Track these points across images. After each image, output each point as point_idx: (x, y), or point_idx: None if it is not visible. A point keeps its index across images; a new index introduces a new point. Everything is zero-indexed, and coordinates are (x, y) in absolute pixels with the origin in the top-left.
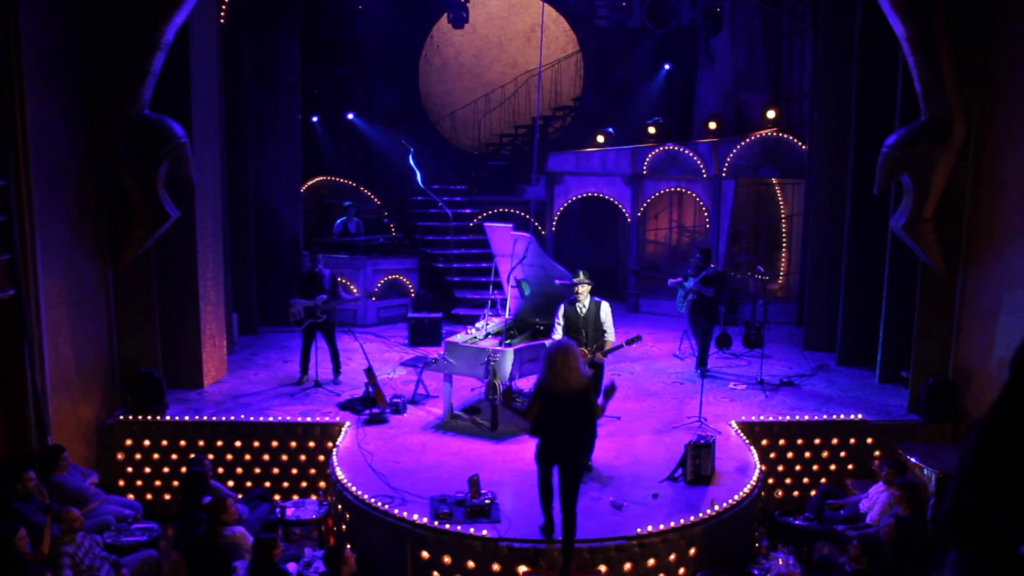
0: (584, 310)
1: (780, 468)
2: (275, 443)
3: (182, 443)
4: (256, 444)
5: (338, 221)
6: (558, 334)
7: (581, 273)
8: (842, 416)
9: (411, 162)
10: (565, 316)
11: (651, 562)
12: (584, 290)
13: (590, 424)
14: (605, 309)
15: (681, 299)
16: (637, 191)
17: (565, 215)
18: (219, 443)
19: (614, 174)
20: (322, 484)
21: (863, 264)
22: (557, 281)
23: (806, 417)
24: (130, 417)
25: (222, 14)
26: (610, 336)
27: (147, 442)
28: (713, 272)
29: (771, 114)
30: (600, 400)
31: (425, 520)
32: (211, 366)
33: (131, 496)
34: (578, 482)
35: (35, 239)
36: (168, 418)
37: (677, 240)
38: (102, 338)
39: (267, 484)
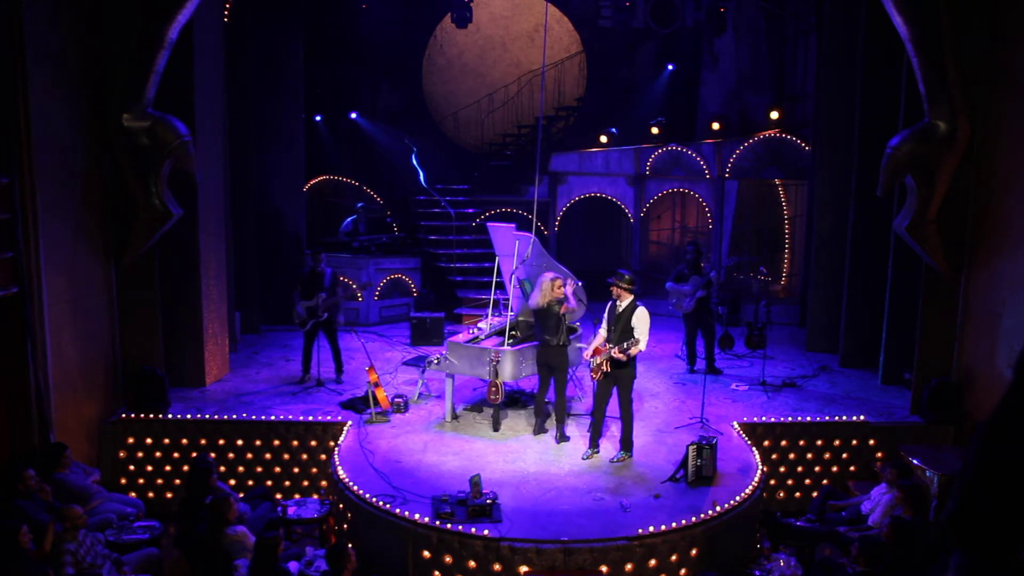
0: (620, 310)
1: (782, 469)
2: (277, 442)
3: (184, 441)
4: (258, 443)
5: (347, 220)
6: (602, 327)
7: (626, 277)
8: (844, 417)
9: (414, 161)
10: (607, 310)
11: (652, 563)
12: (617, 292)
13: (562, 335)
14: (639, 315)
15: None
16: (640, 191)
17: (568, 215)
18: (221, 442)
19: (617, 174)
20: (324, 483)
21: (866, 265)
22: None
23: (808, 418)
24: (132, 415)
25: (226, 13)
26: (640, 343)
27: (149, 440)
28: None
29: (774, 115)
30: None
31: (427, 519)
32: (213, 364)
33: (133, 494)
34: (565, 380)
35: (38, 237)
36: (170, 416)
37: (680, 241)
38: (105, 336)
39: (269, 483)
